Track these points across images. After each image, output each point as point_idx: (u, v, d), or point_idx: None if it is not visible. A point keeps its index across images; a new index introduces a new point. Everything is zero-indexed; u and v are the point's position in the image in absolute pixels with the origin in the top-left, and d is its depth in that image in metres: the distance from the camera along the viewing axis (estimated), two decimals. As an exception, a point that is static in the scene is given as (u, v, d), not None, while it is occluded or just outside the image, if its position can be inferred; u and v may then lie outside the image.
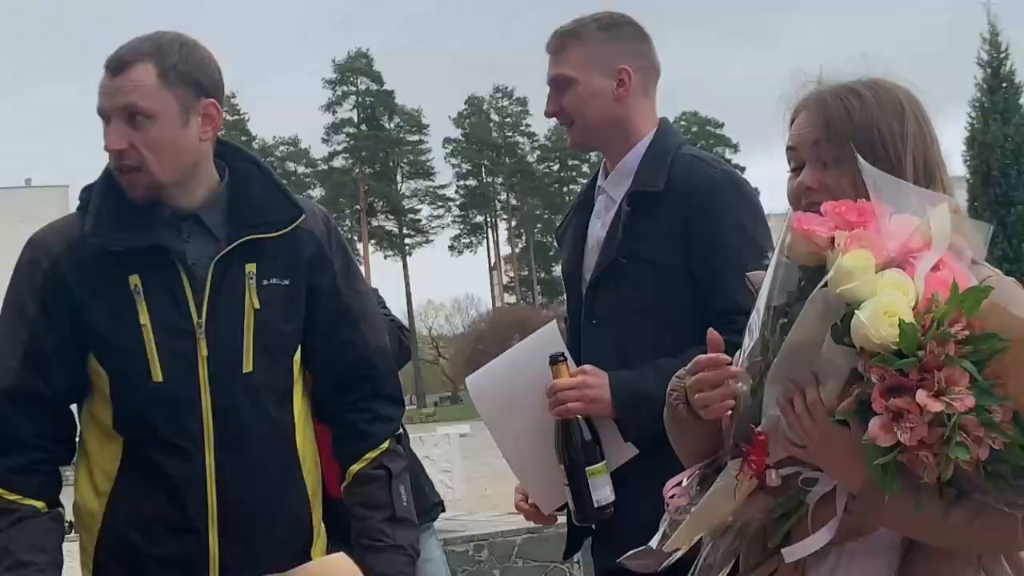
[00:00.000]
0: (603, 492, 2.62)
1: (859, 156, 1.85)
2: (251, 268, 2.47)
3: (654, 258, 2.75)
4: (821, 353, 1.70)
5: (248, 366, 2.45)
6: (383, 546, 2.49)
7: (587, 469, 2.60)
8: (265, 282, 2.48)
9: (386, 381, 2.63)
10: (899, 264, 1.71)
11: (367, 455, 2.57)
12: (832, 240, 1.72)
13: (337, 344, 2.57)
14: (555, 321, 2.75)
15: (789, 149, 2.02)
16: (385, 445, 2.57)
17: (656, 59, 2.93)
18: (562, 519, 2.92)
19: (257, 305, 2.45)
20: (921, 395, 1.59)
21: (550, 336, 2.73)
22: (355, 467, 2.56)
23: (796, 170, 1.99)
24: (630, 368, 2.72)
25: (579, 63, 2.82)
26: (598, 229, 2.88)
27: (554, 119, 2.92)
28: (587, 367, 2.69)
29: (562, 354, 2.66)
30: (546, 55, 2.91)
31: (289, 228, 2.52)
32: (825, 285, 1.69)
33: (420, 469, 3.96)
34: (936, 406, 1.58)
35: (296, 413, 2.54)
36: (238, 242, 2.47)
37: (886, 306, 1.63)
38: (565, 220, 3.07)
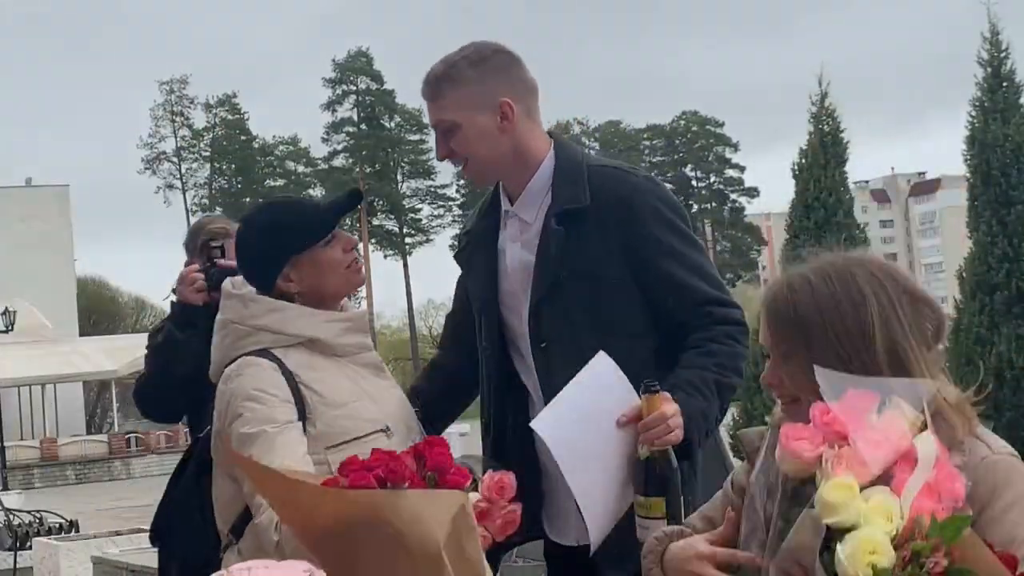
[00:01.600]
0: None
1: (816, 364, 1.85)
2: None
3: (595, 272, 2.77)
4: (815, 567, 1.74)
5: None
6: None
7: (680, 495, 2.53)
8: None
9: None
10: (886, 477, 1.73)
11: None
12: (819, 457, 1.76)
13: None
14: (602, 352, 2.64)
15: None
16: None
17: (531, 79, 2.90)
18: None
19: None
20: None
21: (606, 367, 2.63)
22: None
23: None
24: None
25: (458, 106, 2.79)
26: (518, 252, 2.87)
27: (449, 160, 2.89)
28: (666, 394, 2.59)
29: (655, 383, 2.57)
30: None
31: None
32: (813, 506, 1.74)
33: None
34: None
35: None
36: None
37: (866, 542, 1.66)
38: (465, 248, 3.03)
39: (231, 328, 2.68)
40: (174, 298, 3.79)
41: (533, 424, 2.55)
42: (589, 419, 2.58)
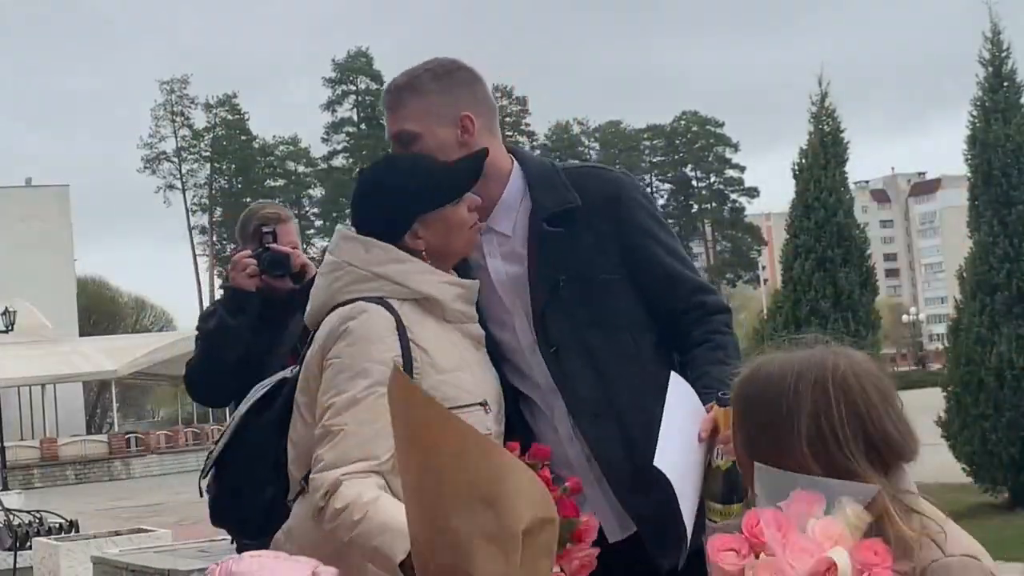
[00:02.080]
0: None
1: (757, 462, 1.85)
2: None
3: (592, 271, 2.79)
4: None
5: None
6: None
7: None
8: None
9: None
10: None
11: None
12: (742, 571, 1.75)
13: None
14: (674, 373, 2.65)
15: None
16: None
17: (492, 98, 2.92)
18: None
19: None
20: None
21: (682, 387, 2.64)
22: None
23: None
24: (607, 383, 2.76)
25: (419, 116, 2.77)
26: (502, 266, 2.85)
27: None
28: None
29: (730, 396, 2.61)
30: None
31: None
32: None
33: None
34: None
35: None
36: None
37: None
38: None
39: (347, 270, 2.60)
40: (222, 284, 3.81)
41: (657, 464, 2.51)
42: (680, 440, 2.58)
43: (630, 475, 2.75)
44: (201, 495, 2.89)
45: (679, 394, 2.64)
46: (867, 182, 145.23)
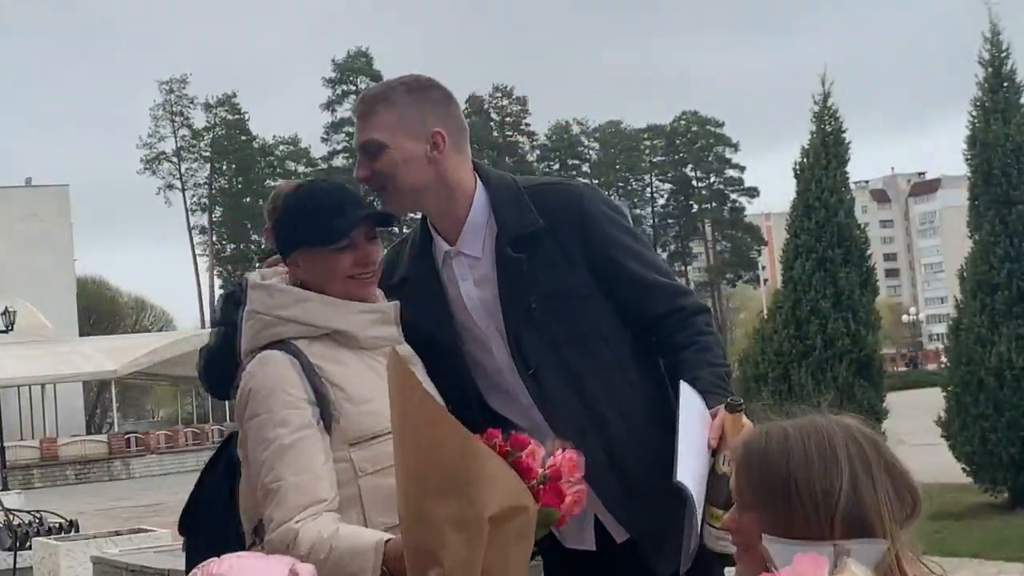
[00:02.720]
0: None
1: (773, 519, 1.82)
2: None
3: (562, 289, 2.78)
4: None
5: None
6: None
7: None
8: None
9: None
10: None
11: None
12: None
13: None
14: (683, 383, 2.66)
15: None
16: None
17: (463, 121, 2.89)
18: None
19: None
20: None
21: (691, 396, 2.64)
22: None
23: None
24: (588, 399, 2.76)
25: (389, 127, 2.74)
26: (473, 290, 2.84)
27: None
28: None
29: (741, 401, 2.57)
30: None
31: None
32: None
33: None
34: None
35: None
36: None
37: None
38: (404, 298, 2.82)
39: (257, 319, 2.64)
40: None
41: (679, 480, 2.47)
42: (693, 449, 2.58)
43: (620, 488, 2.76)
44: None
45: (690, 404, 2.62)
46: (867, 182, 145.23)
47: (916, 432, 17.60)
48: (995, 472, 11.65)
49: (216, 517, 2.73)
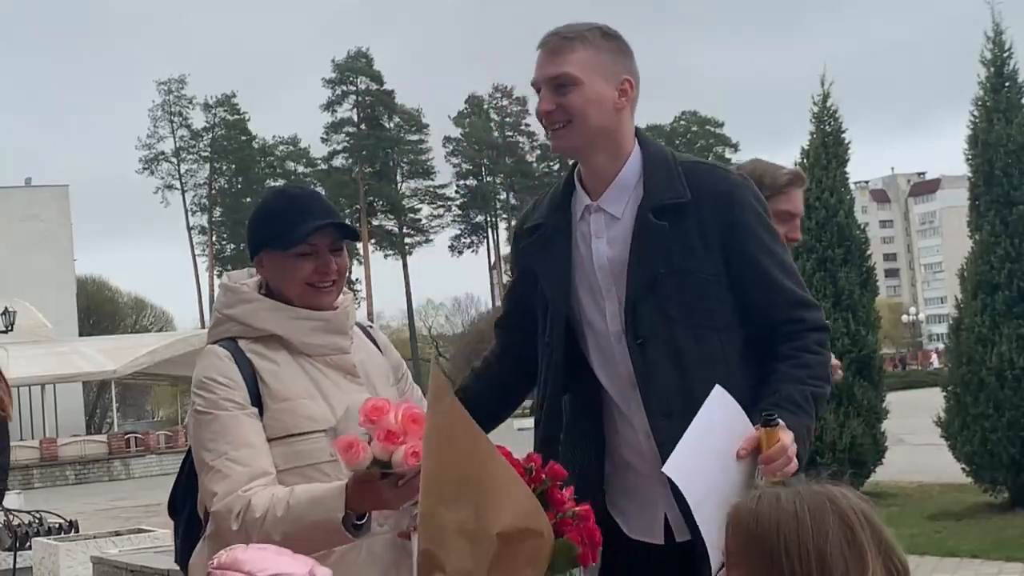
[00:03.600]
0: None
1: None
2: None
3: (693, 268, 2.74)
4: None
5: None
6: None
7: None
8: None
9: None
10: None
11: None
12: None
13: None
14: (718, 387, 2.60)
15: None
16: None
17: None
18: None
19: None
20: None
21: (724, 401, 2.60)
22: None
23: None
24: (687, 383, 2.70)
25: (585, 65, 2.74)
26: (604, 248, 2.82)
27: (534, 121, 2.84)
28: (781, 421, 2.56)
29: (774, 416, 2.54)
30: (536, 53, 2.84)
31: None
32: None
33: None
34: None
35: None
36: None
37: None
38: (532, 243, 2.93)
39: (214, 315, 2.76)
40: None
41: (666, 471, 2.46)
42: (712, 453, 2.55)
43: None
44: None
45: (721, 408, 2.58)
46: (867, 182, 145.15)
47: (916, 432, 17.60)
48: (995, 472, 11.64)
49: (193, 499, 2.76)
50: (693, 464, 2.50)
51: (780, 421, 2.52)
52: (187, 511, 2.78)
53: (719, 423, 2.57)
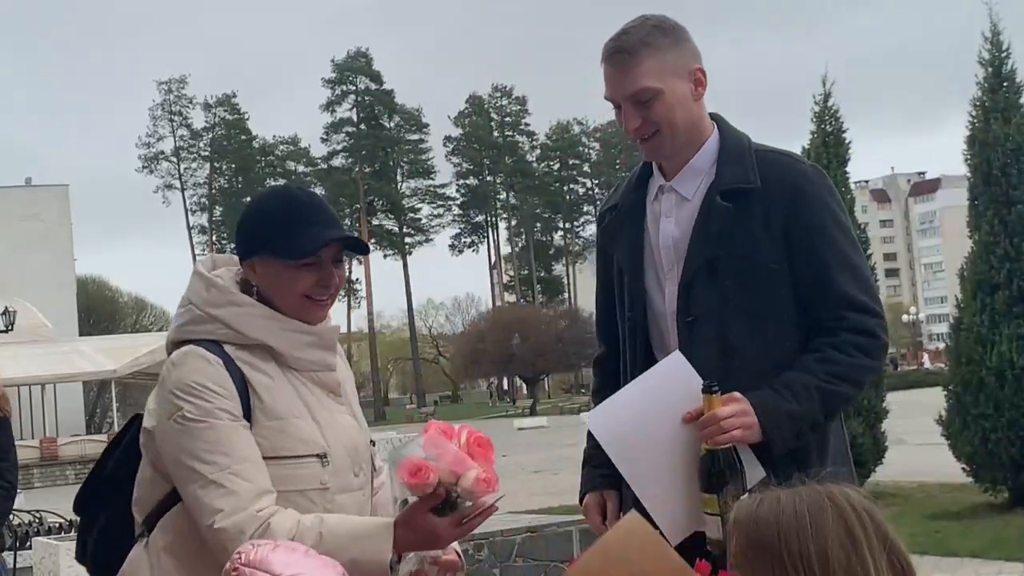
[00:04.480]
0: None
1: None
2: None
3: (754, 255, 2.72)
4: None
5: None
6: None
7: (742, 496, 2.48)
8: None
9: None
10: None
11: None
12: None
13: None
14: (677, 352, 2.63)
15: None
16: None
17: None
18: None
19: None
20: None
21: (679, 365, 2.62)
22: None
23: None
24: (730, 367, 2.68)
25: (658, 72, 2.73)
26: (670, 227, 2.82)
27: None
28: (735, 394, 2.58)
29: (715, 384, 2.56)
30: (600, 66, 2.81)
31: None
32: None
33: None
34: None
35: None
36: None
37: None
38: (611, 222, 2.96)
39: (188, 308, 2.51)
40: None
41: (585, 416, 2.52)
42: (653, 415, 2.57)
43: None
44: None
45: (672, 373, 2.60)
46: (867, 182, 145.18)
47: (916, 432, 17.59)
48: (995, 472, 11.65)
49: (116, 500, 2.59)
50: (621, 420, 2.53)
51: (718, 389, 2.53)
52: (110, 512, 2.63)
53: (670, 388, 2.59)
